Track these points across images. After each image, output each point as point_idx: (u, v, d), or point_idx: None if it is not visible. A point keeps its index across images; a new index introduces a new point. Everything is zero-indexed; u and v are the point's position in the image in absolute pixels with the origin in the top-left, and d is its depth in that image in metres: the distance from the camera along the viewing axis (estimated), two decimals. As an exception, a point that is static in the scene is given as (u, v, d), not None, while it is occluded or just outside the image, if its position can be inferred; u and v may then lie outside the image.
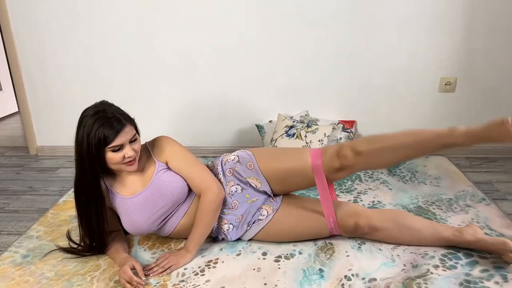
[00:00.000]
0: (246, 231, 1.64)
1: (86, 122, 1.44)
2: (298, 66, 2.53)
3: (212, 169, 1.70)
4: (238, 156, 1.67)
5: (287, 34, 2.47)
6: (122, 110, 1.51)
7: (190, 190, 1.62)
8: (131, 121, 1.51)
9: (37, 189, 2.33)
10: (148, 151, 1.63)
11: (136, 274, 1.45)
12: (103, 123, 1.42)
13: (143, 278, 1.44)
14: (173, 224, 1.61)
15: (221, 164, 1.69)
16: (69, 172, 2.54)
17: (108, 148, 1.44)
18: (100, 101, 1.52)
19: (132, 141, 1.49)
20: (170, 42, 2.53)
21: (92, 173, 1.48)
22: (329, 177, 1.58)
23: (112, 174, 1.58)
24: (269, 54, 2.51)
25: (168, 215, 1.59)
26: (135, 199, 1.55)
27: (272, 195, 1.66)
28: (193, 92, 2.63)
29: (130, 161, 1.49)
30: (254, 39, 2.49)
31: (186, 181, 1.60)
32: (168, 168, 1.61)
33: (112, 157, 1.46)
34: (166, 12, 2.46)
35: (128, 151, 1.47)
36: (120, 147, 1.46)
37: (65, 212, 2.00)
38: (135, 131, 1.51)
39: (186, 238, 1.61)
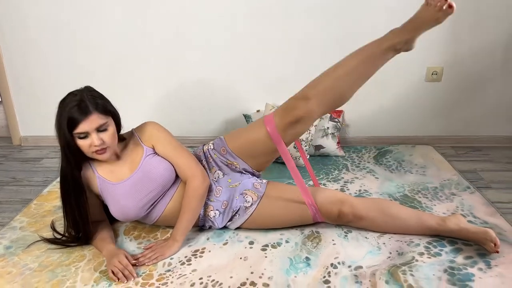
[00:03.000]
0: (232, 218, 1.64)
1: (60, 105, 1.44)
2: (286, 56, 2.51)
3: (196, 157, 1.71)
4: (213, 143, 1.70)
5: (274, 23, 2.44)
6: (100, 99, 1.47)
7: (176, 175, 1.62)
8: (105, 111, 1.46)
9: (21, 179, 2.29)
10: (136, 137, 1.62)
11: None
12: (70, 108, 1.40)
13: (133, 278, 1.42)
14: (160, 210, 1.60)
15: (203, 152, 1.72)
16: (53, 162, 2.50)
17: (75, 134, 1.42)
18: (85, 86, 1.51)
19: (101, 130, 1.45)
20: (156, 30, 2.49)
21: (71, 159, 1.47)
22: (289, 135, 1.56)
23: (99, 163, 1.57)
24: (257, 44, 2.49)
25: (156, 200, 1.59)
26: (123, 184, 1.54)
27: (254, 172, 1.68)
28: (180, 81, 2.60)
29: (98, 150, 1.46)
30: (242, 29, 2.46)
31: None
32: (155, 153, 1.61)
33: (80, 144, 1.44)
34: (153, 2, 2.42)
35: (94, 140, 1.43)
36: (85, 135, 1.43)
37: (49, 202, 1.97)
38: (105, 121, 1.45)
39: (172, 227, 1.61)
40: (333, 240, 1.59)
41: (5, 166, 2.48)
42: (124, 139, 1.61)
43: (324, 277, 1.40)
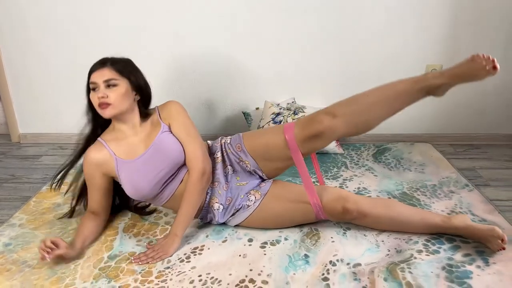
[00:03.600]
0: (233, 215, 1.64)
1: None
2: (285, 53, 2.51)
3: (210, 147, 1.72)
4: (231, 138, 1.71)
5: (274, 21, 2.44)
6: (124, 63, 1.60)
7: None
8: (120, 71, 1.55)
9: (20, 177, 2.29)
10: (157, 114, 1.66)
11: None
12: (97, 60, 1.57)
13: (49, 258, 1.40)
14: (172, 189, 1.61)
15: (220, 144, 1.71)
16: (53, 159, 2.50)
17: (90, 85, 1.54)
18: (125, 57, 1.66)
19: (110, 85, 1.52)
20: (155, 27, 2.48)
21: (93, 122, 1.63)
22: (306, 147, 1.55)
23: (116, 138, 1.60)
24: (256, 42, 2.49)
25: (170, 178, 1.60)
26: (137, 160, 1.58)
27: (263, 176, 1.67)
28: (179, 79, 2.60)
29: (101, 104, 1.51)
30: (242, 27, 2.46)
31: None
32: (171, 131, 1.64)
33: (90, 96, 1.54)
34: (153, 2, 2.42)
35: (100, 92, 1.50)
36: (95, 86, 1.52)
37: (48, 200, 1.97)
38: (116, 77, 1.53)
39: (175, 213, 1.65)
40: (332, 237, 1.60)
41: (4, 164, 2.48)
42: (148, 116, 1.66)
43: (323, 274, 1.40)
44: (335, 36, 2.45)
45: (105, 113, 1.52)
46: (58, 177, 1.70)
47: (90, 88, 1.55)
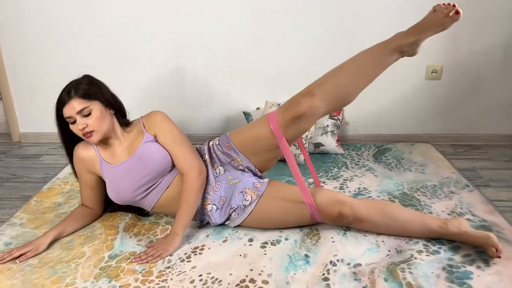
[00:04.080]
0: (230, 216, 1.64)
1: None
2: (286, 53, 2.51)
3: (199, 150, 1.74)
4: (219, 139, 1.72)
5: (274, 21, 2.44)
6: (88, 85, 1.56)
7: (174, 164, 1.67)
8: (86, 95, 1.53)
9: (20, 176, 2.29)
10: (140, 124, 1.68)
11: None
12: (60, 95, 1.55)
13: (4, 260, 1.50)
14: (156, 196, 1.65)
15: (207, 147, 1.73)
16: (53, 159, 2.50)
17: (63, 118, 1.55)
18: (83, 75, 1.62)
19: (84, 115, 1.53)
20: (155, 26, 2.48)
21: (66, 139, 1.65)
22: (292, 132, 1.55)
23: (102, 144, 1.65)
24: (256, 41, 2.49)
25: (152, 186, 1.64)
26: (120, 167, 1.62)
27: (256, 172, 1.68)
28: (180, 79, 2.60)
29: (85, 134, 1.54)
30: (242, 26, 2.46)
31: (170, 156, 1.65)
32: (156, 141, 1.66)
33: (72, 128, 1.56)
34: (152, 0, 2.42)
35: (79, 124, 1.52)
36: (73, 119, 1.53)
37: (49, 199, 1.97)
38: (86, 106, 1.52)
39: (169, 214, 1.70)
40: (332, 237, 1.60)
41: (4, 163, 2.48)
42: (128, 125, 1.69)
43: (323, 274, 1.41)
44: (336, 36, 2.45)
45: (93, 140, 1.57)
46: None
47: (60, 121, 1.57)
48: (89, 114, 1.53)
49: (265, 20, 2.44)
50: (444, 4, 1.45)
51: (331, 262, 1.47)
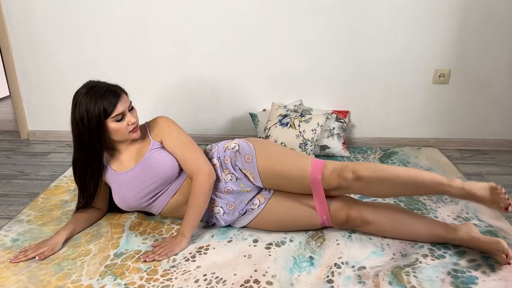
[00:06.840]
0: (238, 218, 1.65)
1: (81, 100, 1.50)
2: (292, 55, 2.51)
3: (208, 152, 1.71)
4: (238, 145, 1.66)
5: (281, 22, 2.45)
6: (111, 83, 1.58)
7: (182, 169, 1.65)
8: (124, 91, 1.59)
9: (28, 173, 2.31)
10: (146, 130, 1.67)
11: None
12: (100, 96, 1.49)
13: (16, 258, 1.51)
14: (164, 201, 1.64)
15: (219, 150, 1.69)
16: (61, 157, 2.52)
17: (111, 118, 1.51)
18: (88, 81, 1.58)
19: (130, 109, 1.57)
20: (163, 26, 2.50)
21: (92, 148, 1.55)
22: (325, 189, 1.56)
23: (109, 151, 1.65)
24: (263, 42, 2.50)
25: (158, 193, 1.63)
26: (126, 174, 1.61)
27: (264, 189, 1.67)
28: (186, 79, 2.61)
29: (134, 128, 1.57)
30: (249, 26, 2.47)
31: (178, 162, 1.63)
32: (163, 147, 1.65)
33: (117, 127, 1.54)
34: (161, -3, 2.44)
35: (130, 118, 1.55)
36: (122, 116, 1.53)
37: (56, 196, 1.99)
38: (131, 100, 1.59)
39: (176, 218, 1.69)
40: (337, 240, 1.60)
41: (13, 160, 2.50)
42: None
43: (328, 276, 1.41)
44: (343, 38, 2.46)
45: (137, 134, 1.60)
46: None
47: (99, 129, 1.51)
48: (132, 109, 1.59)
49: (272, 21, 2.45)
50: (504, 193, 1.37)
51: (335, 264, 1.47)
